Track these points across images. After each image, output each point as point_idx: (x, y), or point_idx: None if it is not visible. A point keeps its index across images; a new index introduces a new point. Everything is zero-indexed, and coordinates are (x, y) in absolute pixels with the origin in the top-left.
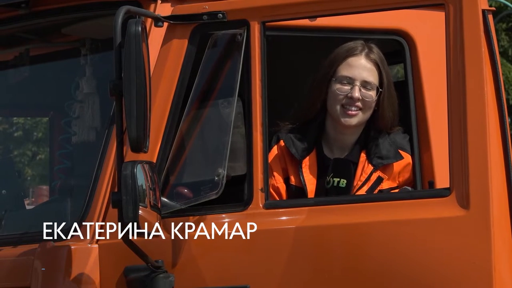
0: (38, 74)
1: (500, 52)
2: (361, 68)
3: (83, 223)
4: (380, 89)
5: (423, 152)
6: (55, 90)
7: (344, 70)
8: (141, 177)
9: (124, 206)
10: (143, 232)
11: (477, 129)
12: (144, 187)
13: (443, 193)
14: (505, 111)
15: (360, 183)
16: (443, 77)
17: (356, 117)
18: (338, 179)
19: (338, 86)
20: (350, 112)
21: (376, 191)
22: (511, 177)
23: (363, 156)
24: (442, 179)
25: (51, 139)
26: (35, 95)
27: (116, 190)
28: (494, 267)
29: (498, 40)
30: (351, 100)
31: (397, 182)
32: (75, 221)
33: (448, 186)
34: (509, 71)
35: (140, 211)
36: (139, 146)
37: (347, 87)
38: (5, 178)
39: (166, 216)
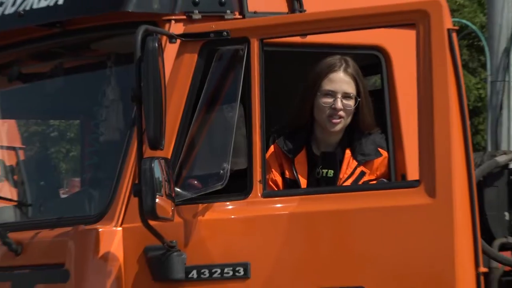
0: (71, 83)
1: (462, 65)
2: (341, 81)
3: (109, 210)
4: (359, 98)
5: (397, 150)
6: (85, 97)
7: (326, 85)
8: (158, 171)
9: (143, 195)
10: (161, 217)
11: (442, 130)
12: (160, 179)
13: (414, 184)
14: (466, 115)
15: (346, 176)
16: (414, 86)
17: (340, 124)
18: (326, 170)
19: (323, 99)
20: (334, 120)
21: (360, 183)
22: (470, 170)
23: (348, 153)
24: (412, 173)
25: (82, 138)
26: (68, 101)
27: (137, 182)
28: (455, 247)
29: (460, 55)
30: (334, 110)
31: (376, 175)
32: (103, 208)
33: (417, 178)
34: (470, 81)
35: (157, 200)
36: (156, 144)
37: (330, 100)
38: (44, 172)
39: (179, 204)
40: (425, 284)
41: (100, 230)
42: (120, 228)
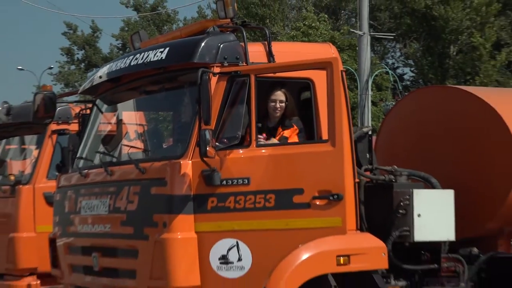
0: (168, 95)
1: (347, 87)
2: (278, 95)
3: (185, 153)
4: (286, 102)
5: (317, 126)
6: (175, 101)
7: (272, 96)
8: (208, 135)
9: (201, 145)
10: (209, 156)
11: (338, 117)
12: (209, 138)
13: (325, 141)
14: (349, 110)
15: (279, 137)
16: (325, 97)
17: (278, 114)
18: (272, 135)
19: (270, 103)
20: (276, 112)
21: (288, 141)
22: (352, 135)
23: (280, 128)
24: (325, 136)
25: (173, 120)
26: (166, 103)
27: (198, 140)
28: (344, 170)
29: (346, 83)
30: (275, 108)
31: (292, 137)
32: (182, 152)
33: (327, 138)
34: (350, 94)
35: (207, 148)
36: (207, 123)
37: (273, 103)
38: (156, 135)
39: (218, 150)
40: (332, 186)
41: (181, 162)
42: (190, 161)
